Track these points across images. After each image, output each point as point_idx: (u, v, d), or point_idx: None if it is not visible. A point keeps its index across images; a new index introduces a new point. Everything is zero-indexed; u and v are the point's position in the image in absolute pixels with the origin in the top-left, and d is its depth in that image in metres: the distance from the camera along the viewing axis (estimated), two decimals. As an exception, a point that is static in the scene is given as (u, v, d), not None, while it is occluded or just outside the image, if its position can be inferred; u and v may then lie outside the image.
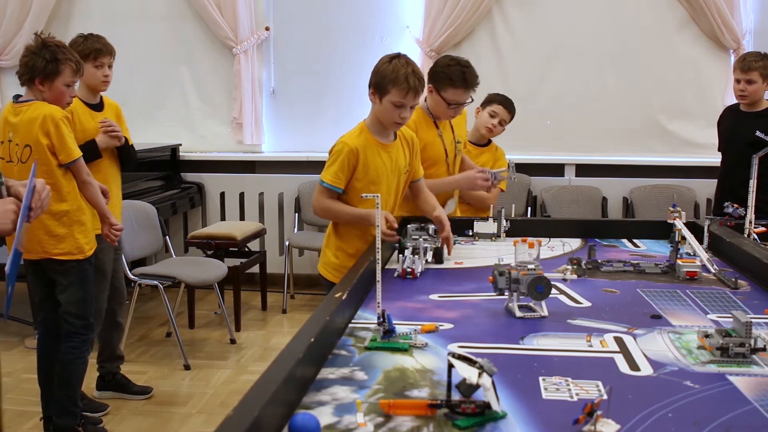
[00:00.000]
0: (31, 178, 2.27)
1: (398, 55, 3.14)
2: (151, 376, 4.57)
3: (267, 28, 6.66)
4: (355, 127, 3.24)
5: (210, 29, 6.66)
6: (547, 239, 3.50)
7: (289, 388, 1.60)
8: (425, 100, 3.76)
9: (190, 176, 6.73)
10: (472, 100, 3.70)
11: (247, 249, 6.05)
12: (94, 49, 4.04)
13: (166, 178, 6.54)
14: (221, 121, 6.83)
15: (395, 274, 2.86)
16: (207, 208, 6.76)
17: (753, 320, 1.93)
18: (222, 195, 6.71)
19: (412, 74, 3.08)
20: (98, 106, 4.15)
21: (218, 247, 5.73)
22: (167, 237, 5.55)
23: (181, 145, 6.73)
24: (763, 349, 1.93)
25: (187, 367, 4.82)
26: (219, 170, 6.75)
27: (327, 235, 3.36)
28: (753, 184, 3.28)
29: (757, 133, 4.35)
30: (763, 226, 3.37)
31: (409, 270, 2.83)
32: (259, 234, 6.19)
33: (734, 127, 4.58)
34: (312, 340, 1.78)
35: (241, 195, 6.67)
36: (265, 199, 6.66)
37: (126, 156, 4.21)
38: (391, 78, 3.07)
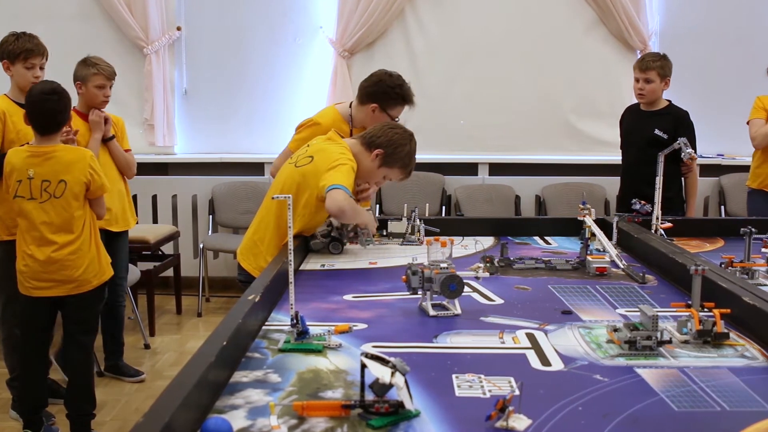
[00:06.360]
0: None
1: (413, 138, 3.23)
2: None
3: (178, 28, 6.55)
4: (341, 143, 3.22)
5: (120, 29, 6.51)
6: (461, 238, 3.53)
7: (201, 393, 1.58)
8: (350, 106, 3.78)
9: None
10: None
11: (160, 252, 5.97)
12: (25, 50, 4.00)
13: (75, 181, 6.37)
14: (132, 122, 6.64)
15: None
16: (119, 211, 6.60)
17: (659, 314, 1.98)
18: (134, 198, 6.57)
19: (414, 166, 3.26)
20: None
21: (131, 251, 5.60)
22: (77, 241, 5.42)
23: (90, 147, 6.58)
24: (669, 342, 1.98)
25: (99, 374, 4.70)
26: (130, 172, 6.59)
27: (261, 234, 3.23)
28: (659, 181, 3.37)
29: (656, 132, 4.47)
30: (668, 221, 3.46)
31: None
32: (173, 237, 6.10)
33: (633, 125, 4.70)
34: (224, 343, 1.77)
35: (154, 197, 6.55)
36: (179, 202, 6.55)
37: None
38: (405, 162, 3.20)
